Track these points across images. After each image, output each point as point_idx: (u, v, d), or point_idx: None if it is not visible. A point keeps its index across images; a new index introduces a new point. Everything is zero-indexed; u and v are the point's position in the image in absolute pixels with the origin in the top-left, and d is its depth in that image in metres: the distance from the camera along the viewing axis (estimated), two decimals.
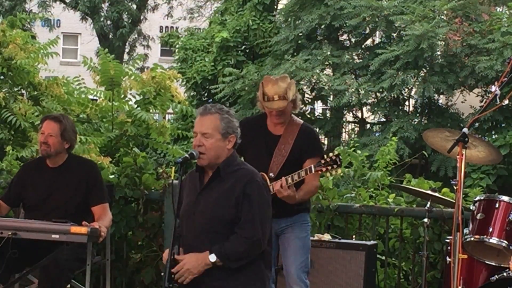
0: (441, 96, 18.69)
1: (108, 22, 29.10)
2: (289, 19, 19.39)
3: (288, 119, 5.27)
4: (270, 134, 5.28)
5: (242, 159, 5.32)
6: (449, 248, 5.32)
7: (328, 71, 18.95)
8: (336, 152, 5.16)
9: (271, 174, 5.17)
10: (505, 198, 5.26)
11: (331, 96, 18.75)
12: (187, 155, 4.20)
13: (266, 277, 4.33)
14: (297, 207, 5.23)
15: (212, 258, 4.12)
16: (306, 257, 5.26)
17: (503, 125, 16.39)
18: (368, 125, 19.67)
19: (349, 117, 19.95)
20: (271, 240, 4.41)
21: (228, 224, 4.20)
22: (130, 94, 9.64)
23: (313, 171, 5.08)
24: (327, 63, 18.36)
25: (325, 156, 5.13)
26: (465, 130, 4.54)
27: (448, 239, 5.62)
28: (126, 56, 29.39)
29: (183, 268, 4.12)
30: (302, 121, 5.36)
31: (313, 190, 5.32)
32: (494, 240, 5.15)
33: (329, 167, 5.06)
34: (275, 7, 21.63)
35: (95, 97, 9.62)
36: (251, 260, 4.23)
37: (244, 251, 4.16)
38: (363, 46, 19.41)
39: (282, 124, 5.26)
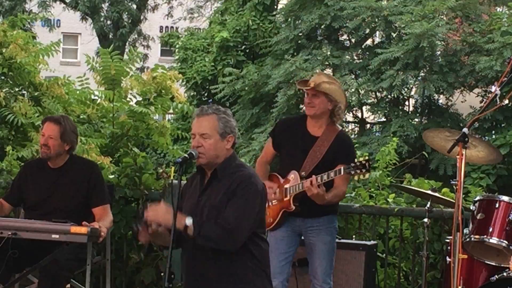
0: (441, 96, 18.69)
1: (108, 22, 29.10)
2: (289, 19, 19.38)
3: (325, 119, 5.33)
4: (308, 134, 5.35)
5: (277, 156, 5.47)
6: (449, 248, 5.32)
7: (328, 71, 18.95)
8: (367, 157, 5.21)
9: (303, 173, 5.24)
10: (505, 198, 5.26)
11: None
12: (186, 155, 4.19)
13: None
14: (325, 208, 5.26)
15: (188, 221, 4.07)
16: (331, 260, 5.35)
17: (503, 124, 16.40)
18: (368, 125, 19.68)
19: (349, 117, 19.95)
20: (267, 251, 4.38)
21: None
22: (131, 94, 9.64)
23: (342, 173, 5.13)
24: (327, 63, 18.36)
25: (355, 160, 5.19)
26: (465, 130, 4.54)
27: (448, 239, 5.62)
28: (126, 57, 29.34)
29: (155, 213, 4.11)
30: (341, 128, 5.46)
31: (341, 194, 5.39)
32: (494, 240, 5.15)
33: (358, 171, 5.12)
34: (275, 7, 21.63)
35: (95, 97, 9.62)
36: (255, 272, 4.22)
37: (215, 234, 4.10)
38: (363, 46, 19.41)
39: (319, 125, 5.32)
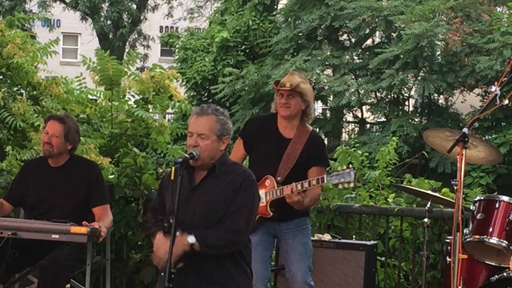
0: (441, 96, 18.71)
1: (108, 22, 29.10)
2: (289, 19, 19.41)
3: (297, 119, 5.27)
4: (281, 137, 5.28)
5: (248, 157, 5.38)
6: (449, 248, 5.32)
7: (328, 71, 18.96)
8: (351, 165, 5.19)
9: (279, 178, 5.19)
10: (505, 198, 5.26)
11: (331, 96, 18.78)
12: (187, 155, 4.19)
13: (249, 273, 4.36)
14: (298, 210, 5.25)
15: (191, 239, 4.07)
16: (310, 261, 5.33)
17: (503, 124, 16.41)
18: (368, 125, 19.69)
19: (349, 117, 19.99)
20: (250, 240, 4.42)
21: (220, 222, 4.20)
22: (130, 94, 9.65)
23: (325, 182, 5.11)
24: (327, 63, 18.37)
25: (339, 168, 5.18)
26: (465, 130, 4.54)
27: (448, 239, 5.62)
28: (126, 57, 29.36)
29: (161, 247, 4.09)
30: (311, 127, 5.39)
31: (317, 197, 5.40)
32: (494, 240, 5.14)
33: (342, 179, 5.10)
34: (275, 7, 21.64)
35: (94, 97, 9.63)
36: (232, 256, 4.22)
37: (223, 240, 4.13)
38: (363, 46, 19.42)
39: (291, 126, 5.26)
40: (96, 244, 5.56)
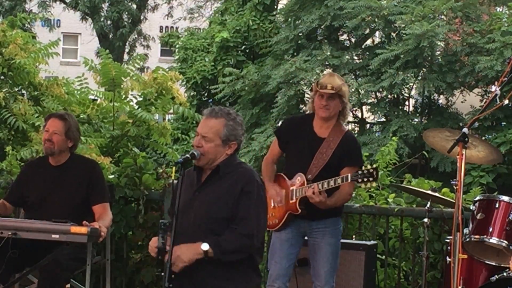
0: (441, 96, 18.71)
1: (108, 22, 29.12)
2: (289, 19, 19.41)
3: (334, 120, 5.30)
4: (315, 136, 5.30)
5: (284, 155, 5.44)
6: (449, 248, 5.32)
7: (328, 71, 18.96)
8: (374, 165, 5.18)
9: (309, 176, 5.21)
10: (505, 198, 5.26)
11: None
12: (188, 155, 4.19)
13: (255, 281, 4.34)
14: (330, 210, 5.26)
15: (205, 246, 4.08)
16: (335, 262, 5.34)
17: (503, 123, 16.41)
18: (368, 125, 19.68)
19: (349, 117, 19.96)
20: (263, 243, 4.42)
21: (224, 222, 4.20)
22: (132, 95, 9.64)
23: (349, 180, 5.10)
24: (327, 63, 18.37)
25: (363, 167, 5.15)
26: (465, 130, 4.54)
27: (448, 239, 5.62)
28: (126, 56, 29.40)
29: (174, 254, 4.06)
30: (347, 128, 5.43)
31: (346, 197, 5.36)
32: (494, 240, 5.15)
33: (365, 179, 5.09)
34: (275, 7, 21.65)
35: (95, 97, 9.62)
36: (241, 263, 4.22)
37: (237, 245, 4.15)
38: (363, 46, 19.42)
39: (327, 126, 5.29)
40: (96, 244, 5.56)
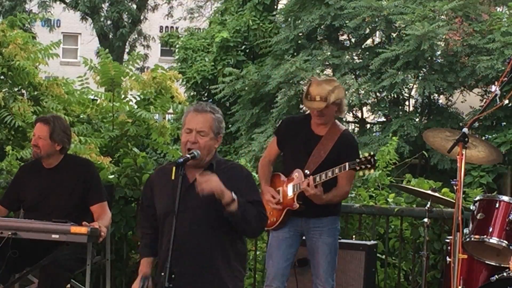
0: (441, 96, 18.70)
1: (108, 22, 29.11)
2: (289, 19, 19.39)
3: (331, 121, 5.32)
4: (312, 134, 5.32)
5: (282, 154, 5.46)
6: (449, 248, 5.32)
7: (328, 71, 18.95)
8: (372, 153, 5.18)
9: (307, 171, 5.21)
10: (505, 198, 5.26)
11: None
12: (188, 156, 4.17)
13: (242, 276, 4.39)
14: (328, 209, 5.26)
15: (235, 195, 4.10)
16: (334, 260, 5.33)
17: (503, 123, 16.40)
18: (368, 125, 19.68)
19: (349, 117, 19.95)
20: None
21: (225, 219, 4.16)
22: (131, 94, 9.64)
23: (347, 169, 5.08)
24: (327, 63, 18.36)
25: (360, 155, 5.16)
26: (465, 130, 4.53)
27: (448, 239, 5.62)
28: (126, 56, 29.41)
29: (205, 177, 4.07)
30: (345, 127, 5.44)
31: (343, 195, 5.36)
32: (494, 240, 5.15)
33: (363, 166, 5.09)
34: (275, 7, 21.64)
35: (95, 97, 9.62)
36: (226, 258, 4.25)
37: (257, 217, 4.22)
38: (363, 46, 19.41)
39: (324, 125, 5.31)
40: (96, 244, 5.55)
